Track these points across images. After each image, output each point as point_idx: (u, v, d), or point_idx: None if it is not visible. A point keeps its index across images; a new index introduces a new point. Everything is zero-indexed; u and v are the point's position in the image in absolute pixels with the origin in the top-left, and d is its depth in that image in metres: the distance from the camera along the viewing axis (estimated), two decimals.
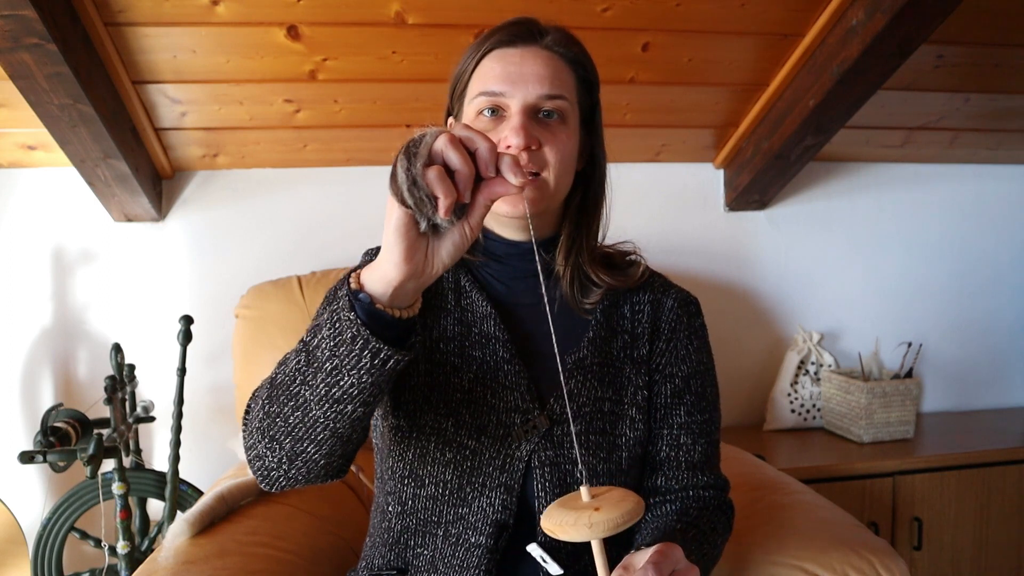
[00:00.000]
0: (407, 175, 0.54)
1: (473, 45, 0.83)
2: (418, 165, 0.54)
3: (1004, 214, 2.19)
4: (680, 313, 0.90)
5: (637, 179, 1.95)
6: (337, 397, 0.63)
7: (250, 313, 1.55)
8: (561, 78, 0.80)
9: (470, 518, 0.81)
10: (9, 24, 1.16)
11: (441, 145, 0.55)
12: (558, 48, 0.81)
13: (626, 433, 0.84)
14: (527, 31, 0.81)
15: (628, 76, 1.63)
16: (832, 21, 1.48)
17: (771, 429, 1.99)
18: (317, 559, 1.12)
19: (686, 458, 0.87)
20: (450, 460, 0.81)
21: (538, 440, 0.81)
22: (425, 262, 0.59)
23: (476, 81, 0.81)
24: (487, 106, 0.79)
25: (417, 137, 0.56)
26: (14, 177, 1.73)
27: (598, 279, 0.86)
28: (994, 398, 2.21)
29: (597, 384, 0.85)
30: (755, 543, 1.09)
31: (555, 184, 0.80)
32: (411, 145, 0.55)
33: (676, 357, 0.89)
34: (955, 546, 1.77)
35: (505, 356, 0.83)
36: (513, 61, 0.79)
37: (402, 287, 0.60)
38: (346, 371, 0.62)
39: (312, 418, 0.66)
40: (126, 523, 1.40)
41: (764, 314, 2.06)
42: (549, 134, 0.79)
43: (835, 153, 1.99)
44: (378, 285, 0.60)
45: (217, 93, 1.56)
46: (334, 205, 1.83)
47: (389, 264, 0.58)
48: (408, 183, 0.54)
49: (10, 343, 1.75)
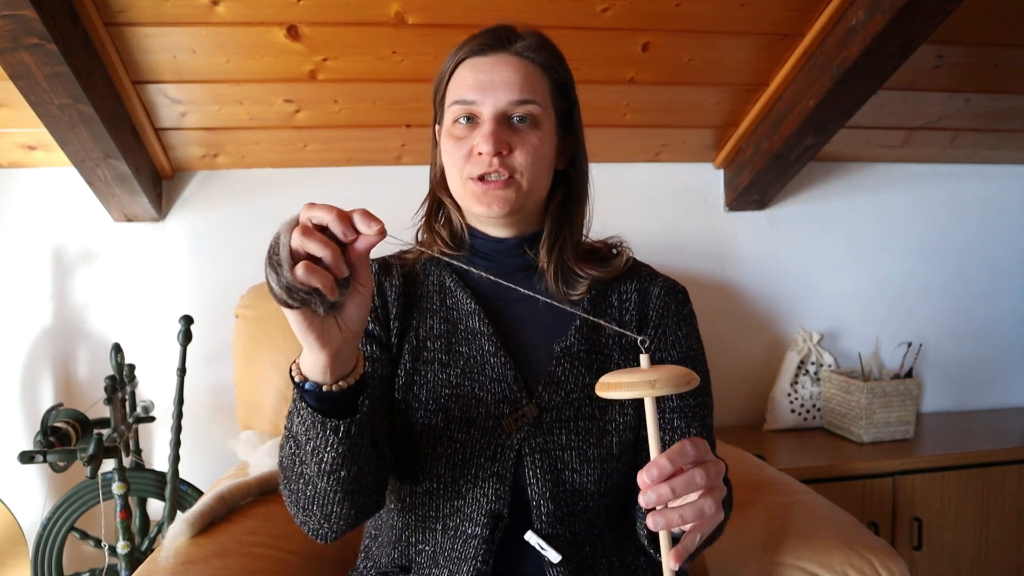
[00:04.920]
0: (280, 286, 0.57)
1: (450, 54, 0.86)
2: (285, 272, 0.56)
3: (1004, 214, 2.19)
4: (667, 300, 0.92)
5: (637, 179, 1.95)
6: (329, 469, 0.70)
7: (250, 313, 1.55)
8: (532, 83, 0.83)
9: (466, 510, 0.83)
10: (9, 24, 1.16)
11: (297, 243, 0.57)
12: (528, 54, 0.84)
13: (616, 419, 0.86)
14: (498, 39, 0.84)
15: (628, 76, 1.63)
16: (832, 21, 1.48)
17: (771, 429, 1.99)
18: (317, 559, 1.12)
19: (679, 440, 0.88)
20: (441, 455, 0.82)
21: (528, 428, 0.83)
22: (341, 333, 0.63)
23: (451, 89, 0.85)
24: (462, 114, 0.83)
25: (272, 244, 0.58)
26: (14, 177, 1.73)
27: (583, 272, 0.89)
28: (994, 398, 2.21)
29: (585, 371, 0.87)
30: (755, 543, 1.09)
31: (528, 185, 0.83)
32: (271, 255, 0.57)
33: (665, 343, 0.90)
34: (955, 546, 1.77)
35: (491, 349, 0.86)
36: (484, 69, 0.83)
37: (335, 361, 0.64)
38: (322, 449, 0.69)
39: (321, 489, 0.73)
40: (126, 523, 1.40)
41: (764, 314, 2.06)
42: (519, 138, 0.82)
43: (835, 153, 1.98)
44: (316, 370, 0.65)
45: (217, 93, 1.56)
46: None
47: (313, 353, 0.63)
48: (285, 292, 0.57)
49: (10, 343, 1.75)
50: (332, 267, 0.57)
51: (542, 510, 0.82)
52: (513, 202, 0.83)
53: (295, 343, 0.69)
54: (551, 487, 0.82)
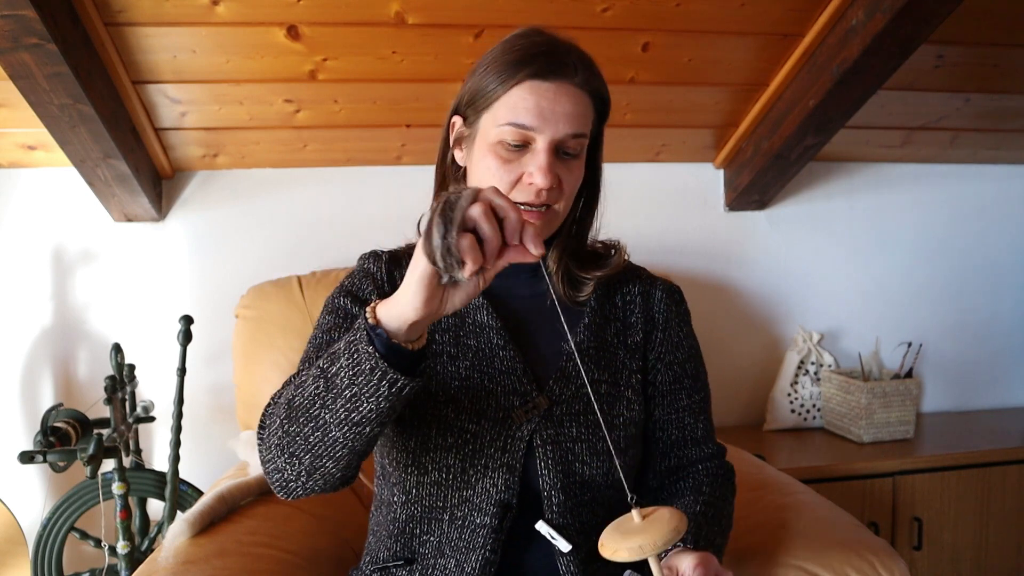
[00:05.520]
0: (443, 242, 0.58)
1: (504, 65, 0.82)
2: (453, 233, 0.58)
3: (1004, 214, 2.19)
4: (669, 303, 0.97)
5: (637, 179, 1.95)
6: (356, 420, 0.68)
7: (250, 313, 1.55)
8: (586, 116, 0.84)
9: (475, 500, 0.84)
10: (9, 24, 1.16)
11: (476, 214, 0.59)
12: (586, 86, 0.84)
13: (623, 413, 0.89)
14: (560, 64, 0.81)
15: (628, 76, 1.63)
16: (832, 21, 1.48)
17: (771, 429, 1.99)
18: (317, 559, 1.12)
19: (691, 435, 0.95)
20: (452, 445, 0.83)
21: (539, 420, 0.85)
22: (439, 306, 0.64)
23: (505, 108, 0.81)
24: (514, 138, 0.81)
25: (452, 199, 0.59)
26: (14, 177, 1.73)
27: (588, 275, 0.92)
28: (994, 398, 2.21)
29: (594, 367, 0.90)
30: (755, 543, 1.09)
31: (563, 212, 0.86)
32: (446, 208, 0.58)
33: (672, 345, 0.95)
34: (955, 546, 1.77)
35: (499, 343, 0.88)
36: (547, 96, 0.81)
37: (416, 326, 0.65)
38: (365, 398, 0.66)
39: (332, 438, 0.70)
40: (126, 523, 1.40)
41: (764, 314, 2.06)
42: (567, 170, 0.84)
43: (835, 153, 1.98)
44: (394, 322, 0.65)
45: (217, 93, 1.56)
46: (334, 205, 1.83)
47: (408, 306, 0.63)
48: (443, 249, 0.58)
49: (10, 343, 1.75)
50: (487, 254, 0.60)
51: (553, 500, 0.83)
52: (548, 229, 0.85)
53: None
54: (562, 478, 0.84)
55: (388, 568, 0.88)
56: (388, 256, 0.94)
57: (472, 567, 0.82)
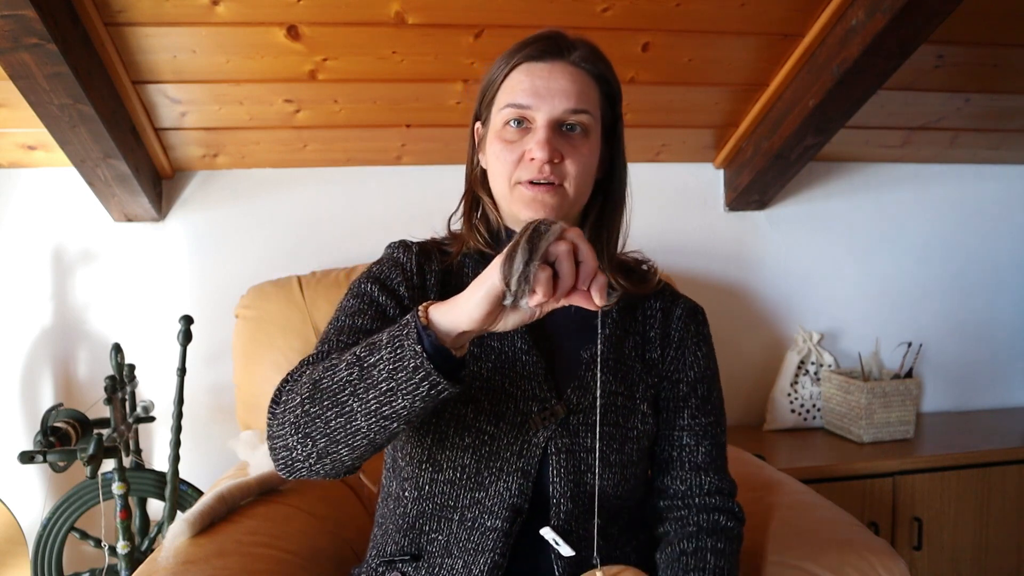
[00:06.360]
0: (524, 268, 0.60)
1: (504, 56, 0.87)
2: (535, 264, 0.60)
3: (1004, 214, 2.19)
4: (688, 322, 0.95)
5: (637, 179, 1.91)
6: (386, 415, 0.68)
7: (250, 313, 1.55)
8: (586, 93, 0.84)
9: (487, 502, 0.84)
10: (9, 24, 1.16)
11: (560, 251, 0.61)
12: (584, 64, 0.85)
13: (637, 426, 0.89)
14: (555, 46, 0.84)
15: (628, 76, 1.63)
16: (832, 21, 1.48)
17: (771, 429, 1.99)
18: (317, 559, 1.12)
19: (689, 459, 0.92)
20: (468, 445, 0.83)
21: (555, 428, 0.85)
22: (493, 323, 0.66)
23: (504, 92, 0.85)
24: (513, 117, 0.84)
25: (542, 229, 0.61)
26: (14, 177, 1.73)
27: (616, 283, 0.90)
28: (994, 398, 2.21)
29: (611, 378, 0.89)
30: (755, 543, 1.09)
31: (574, 194, 0.84)
32: (534, 236, 0.61)
33: (684, 364, 0.94)
34: (955, 546, 1.77)
35: (523, 347, 0.87)
36: (541, 75, 0.83)
37: (466, 335, 0.66)
38: (401, 394, 0.66)
39: (355, 427, 0.69)
40: (126, 523, 1.40)
41: (764, 314, 2.06)
42: (571, 147, 0.83)
43: (835, 153, 1.98)
44: (447, 327, 0.65)
45: (217, 93, 1.56)
46: (334, 205, 1.83)
47: (466, 315, 0.64)
48: (520, 275, 0.61)
49: (10, 343, 1.75)
50: (559, 292, 0.62)
51: (561, 508, 0.84)
52: (559, 209, 0.84)
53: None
54: (572, 487, 0.84)
55: (394, 562, 0.88)
56: (418, 248, 0.93)
57: (480, 570, 0.81)
